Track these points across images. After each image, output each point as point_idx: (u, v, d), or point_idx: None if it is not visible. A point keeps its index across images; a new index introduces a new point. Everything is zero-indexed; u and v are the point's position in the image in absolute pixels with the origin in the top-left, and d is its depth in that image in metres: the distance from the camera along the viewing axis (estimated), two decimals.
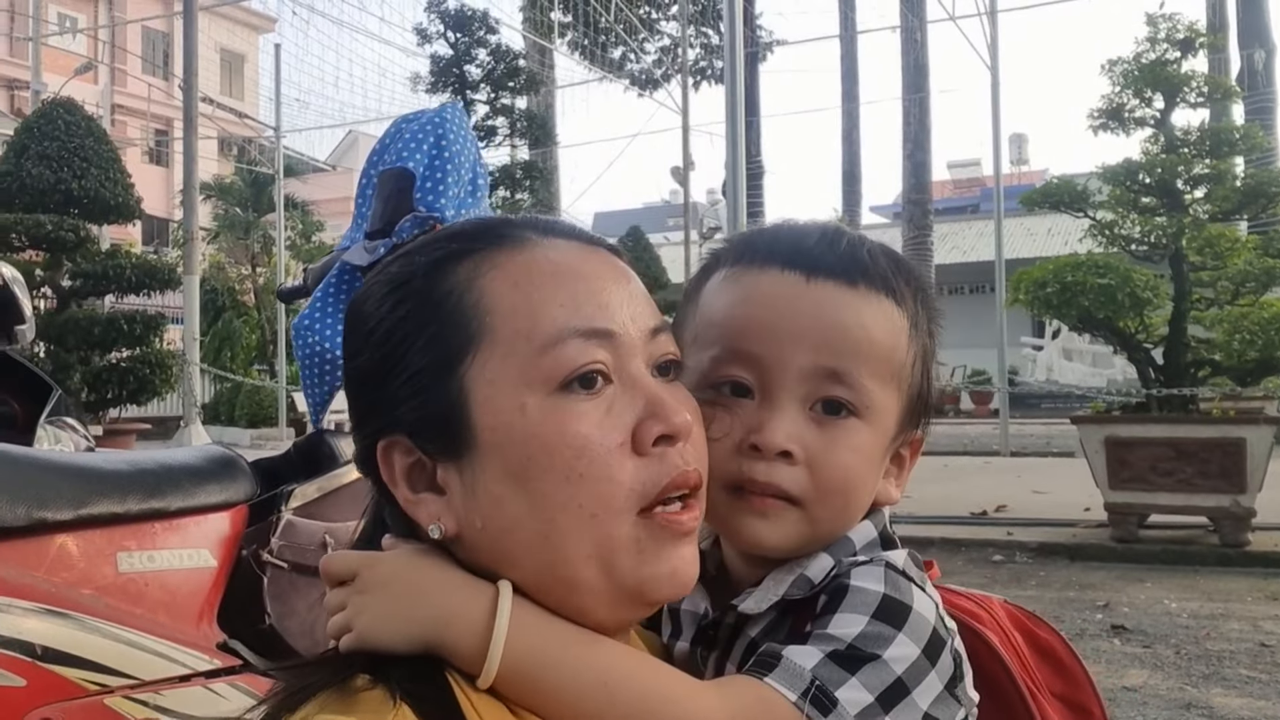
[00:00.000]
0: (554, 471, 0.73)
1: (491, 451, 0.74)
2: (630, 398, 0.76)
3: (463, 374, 0.75)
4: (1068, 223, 8.94)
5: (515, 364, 0.74)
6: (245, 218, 26.09)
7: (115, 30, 30.66)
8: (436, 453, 0.76)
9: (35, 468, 1.59)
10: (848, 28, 23.04)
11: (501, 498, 0.74)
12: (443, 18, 17.16)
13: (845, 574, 0.82)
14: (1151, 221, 7.87)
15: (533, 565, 0.74)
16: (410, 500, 0.77)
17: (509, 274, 0.76)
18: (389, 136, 2.21)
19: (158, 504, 1.70)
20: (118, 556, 1.61)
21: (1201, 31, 8.13)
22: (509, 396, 0.74)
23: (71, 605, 1.49)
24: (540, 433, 0.73)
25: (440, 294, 0.77)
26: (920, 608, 0.80)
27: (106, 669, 1.50)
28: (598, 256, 0.81)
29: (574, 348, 0.74)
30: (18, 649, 1.40)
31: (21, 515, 1.49)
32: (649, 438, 0.75)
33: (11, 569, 1.46)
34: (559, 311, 0.75)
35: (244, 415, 20.89)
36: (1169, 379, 7.64)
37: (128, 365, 11.29)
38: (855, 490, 0.86)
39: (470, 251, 0.78)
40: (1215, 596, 6.12)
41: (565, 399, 0.74)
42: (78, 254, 11.33)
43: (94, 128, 11.75)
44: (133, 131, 32.33)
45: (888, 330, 0.86)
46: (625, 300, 0.79)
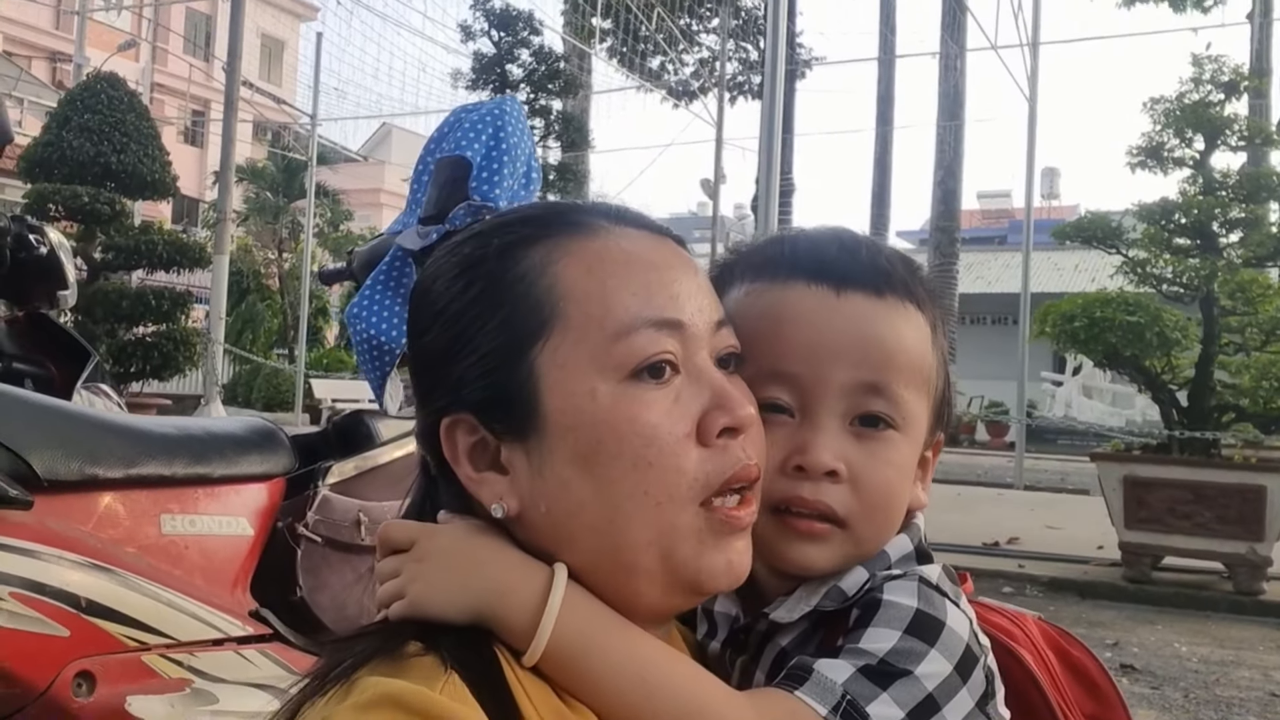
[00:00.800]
0: (622, 458, 0.74)
1: (560, 435, 0.75)
2: (696, 388, 0.77)
3: (534, 357, 0.75)
4: (1095, 260, 8.92)
5: (587, 350, 0.75)
6: (275, 203, 26.27)
7: (159, 9, 30.92)
8: (503, 433, 0.77)
9: (89, 425, 1.62)
10: (887, 51, 23.02)
11: (568, 480, 0.75)
12: (488, 16, 17.26)
13: (879, 588, 0.82)
14: (1184, 262, 7.83)
15: (592, 548, 0.75)
16: (473, 479, 0.78)
17: (583, 260, 0.77)
18: (448, 125, 2.24)
19: (202, 470, 1.72)
20: (161, 518, 1.64)
21: (1246, 75, 8.10)
22: (580, 381, 0.75)
23: (115, 562, 1.52)
24: (610, 419, 0.74)
25: (514, 277, 0.77)
26: (954, 623, 0.79)
27: (145, 626, 1.53)
28: (666, 246, 0.82)
29: (645, 337, 0.75)
30: (63, 600, 1.42)
31: (75, 470, 1.52)
32: (714, 429, 0.76)
33: (61, 522, 1.49)
34: (632, 300, 0.76)
35: (261, 398, 21.02)
36: (1192, 421, 7.59)
37: (153, 340, 11.36)
38: (896, 504, 0.87)
39: (544, 236, 0.79)
40: (1227, 643, 6.08)
41: (635, 387, 0.74)
42: (112, 227, 11.42)
43: (136, 103, 11.86)
44: (170, 111, 32.56)
45: (917, 339, 0.87)
46: (694, 291, 0.80)
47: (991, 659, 0.82)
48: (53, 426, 1.53)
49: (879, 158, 23.80)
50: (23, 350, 3.20)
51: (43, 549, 1.42)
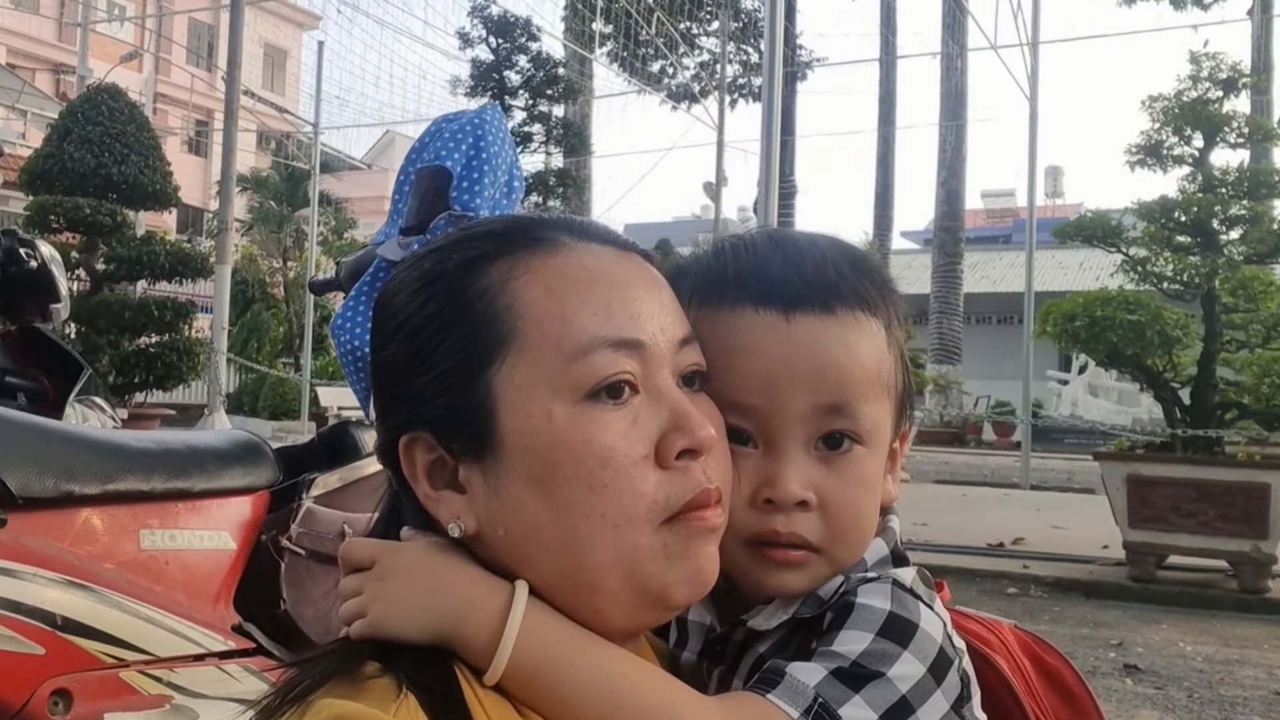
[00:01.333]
0: (578, 480, 0.73)
1: (516, 455, 0.74)
2: (656, 409, 0.76)
3: (491, 377, 0.75)
4: (1100, 258, 8.89)
5: (544, 370, 0.74)
6: (279, 211, 26.31)
7: (162, 20, 31.02)
8: (460, 452, 0.76)
9: (65, 441, 1.61)
10: (888, 52, 23.02)
11: (524, 501, 0.74)
12: (485, 23, 17.30)
13: (853, 591, 0.81)
14: (1185, 260, 7.81)
15: (552, 569, 0.74)
16: (430, 496, 0.78)
17: (543, 279, 0.76)
18: (428, 135, 2.24)
19: (182, 484, 1.72)
20: (140, 533, 1.64)
21: (1245, 72, 8.08)
22: (536, 403, 0.74)
23: (93, 578, 1.52)
24: (566, 440, 0.73)
25: (472, 294, 0.76)
26: (927, 626, 0.79)
27: (123, 643, 1.52)
28: (631, 263, 0.81)
29: (603, 358, 0.74)
30: (39, 618, 1.42)
31: (50, 487, 1.51)
32: (672, 450, 0.75)
33: (37, 539, 1.49)
34: (590, 320, 0.75)
35: (267, 407, 21.03)
36: (1195, 420, 7.57)
37: (156, 351, 11.40)
38: (868, 520, 0.86)
39: (505, 252, 0.78)
40: (1231, 642, 6.05)
41: (592, 408, 0.74)
42: (114, 238, 11.46)
43: (136, 114, 11.89)
44: (173, 121, 32.67)
45: (872, 348, 0.85)
46: (656, 310, 0.78)
47: (967, 661, 0.82)
48: (27, 443, 1.53)
49: (882, 158, 23.80)
50: (16, 364, 3.21)
51: (17, 567, 1.42)
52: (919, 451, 17.31)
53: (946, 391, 22.43)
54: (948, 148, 22.17)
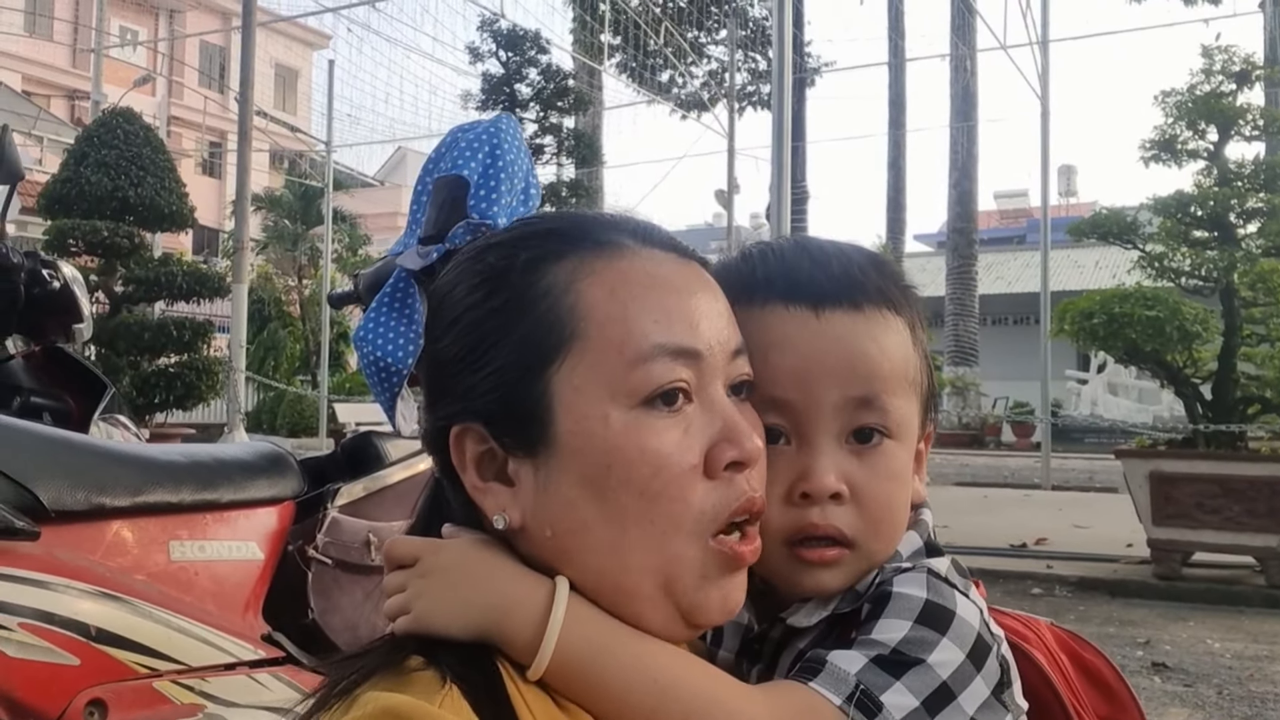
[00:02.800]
0: (630, 485, 0.74)
1: (570, 455, 0.75)
2: (708, 418, 0.77)
3: (550, 376, 0.75)
4: (1115, 256, 8.86)
5: (603, 373, 0.75)
6: (294, 230, 26.47)
7: (174, 44, 31.28)
8: (512, 445, 0.77)
9: (95, 455, 1.63)
10: (896, 55, 23.01)
11: (574, 501, 0.75)
12: (495, 37, 17.38)
13: (889, 581, 0.82)
14: (1202, 255, 7.77)
15: (594, 569, 0.75)
16: (478, 487, 0.78)
17: (606, 281, 0.77)
18: (444, 145, 2.26)
19: (210, 495, 1.74)
20: (170, 545, 1.65)
21: (1258, 64, 8.04)
22: (593, 405, 0.74)
23: (125, 590, 1.53)
24: (621, 445, 0.74)
25: (537, 293, 0.77)
26: (964, 613, 0.80)
27: (156, 653, 1.54)
28: (691, 270, 0.81)
29: (662, 365, 0.75)
30: (73, 629, 1.44)
31: (81, 500, 1.53)
32: (721, 461, 0.76)
33: (69, 552, 1.50)
34: (652, 327, 0.75)
35: (285, 424, 21.14)
36: (1217, 415, 7.52)
37: (175, 371, 11.46)
38: (899, 513, 0.87)
39: (570, 252, 0.79)
40: (1260, 638, 6.00)
41: (648, 414, 0.74)
42: (131, 260, 11.53)
43: (151, 137, 11.97)
44: (187, 143, 32.93)
45: (898, 344, 0.87)
46: (714, 320, 0.79)
47: (1005, 648, 0.83)
48: (58, 457, 1.55)
49: (893, 161, 23.78)
50: (40, 384, 3.23)
51: (51, 579, 1.43)
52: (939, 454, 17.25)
53: (964, 393, 22.35)
54: (959, 149, 22.13)
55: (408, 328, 2.51)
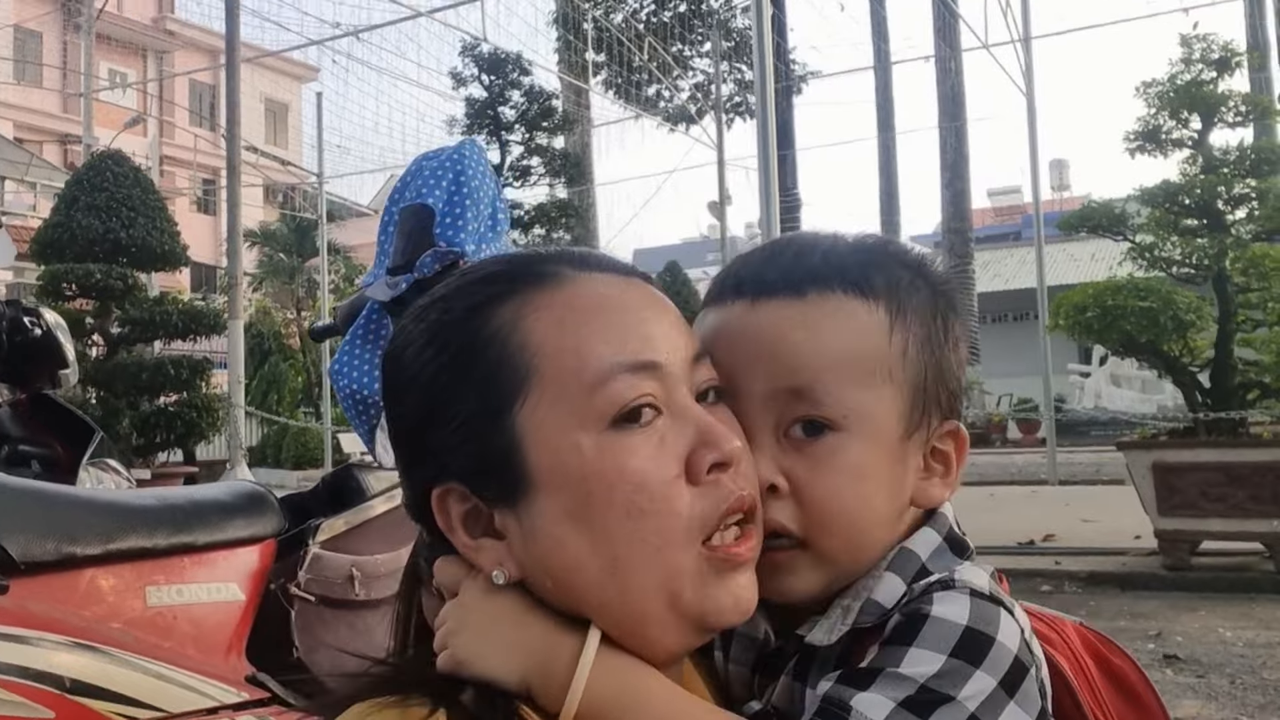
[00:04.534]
0: (615, 508, 0.73)
1: (549, 493, 0.74)
2: (680, 427, 0.76)
3: (514, 417, 0.74)
4: (1111, 248, 8.84)
5: (566, 404, 0.74)
6: (290, 263, 26.53)
7: (163, 84, 31.41)
8: (493, 499, 0.76)
9: (64, 503, 1.62)
10: (881, 59, 23.07)
11: (562, 538, 0.74)
12: (477, 61, 17.44)
13: (925, 599, 0.77)
14: (1193, 243, 7.76)
15: (600, 602, 0.74)
16: (469, 546, 0.77)
17: (552, 314, 0.76)
18: (409, 174, 2.24)
19: (186, 538, 1.73)
20: (146, 590, 1.64)
21: (1238, 50, 8.05)
22: (563, 436, 0.73)
23: (101, 639, 1.52)
24: (598, 470, 0.73)
25: (484, 339, 0.76)
26: (1004, 637, 0.75)
27: (134, 701, 1.52)
28: (636, 287, 0.80)
29: (623, 383, 0.74)
30: (47, 682, 1.42)
31: (51, 550, 1.52)
32: (703, 466, 0.75)
33: (42, 603, 1.49)
34: (605, 348, 0.75)
35: (290, 457, 21.10)
36: (1217, 402, 7.50)
37: (175, 409, 11.48)
38: (858, 509, 0.81)
39: (510, 293, 0.77)
40: (1273, 625, 5.96)
41: (619, 435, 0.73)
42: (126, 301, 11.57)
43: (141, 178, 12.02)
44: (181, 181, 33.03)
45: (852, 330, 0.82)
46: (667, 330, 0.78)
47: (1044, 670, 0.79)
48: (26, 509, 1.54)
49: (884, 165, 23.82)
50: (28, 432, 3.23)
51: (22, 632, 1.42)
52: None
53: (968, 392, 22.31)
54: (949, 150, 22.17)
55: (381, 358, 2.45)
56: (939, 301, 0.87)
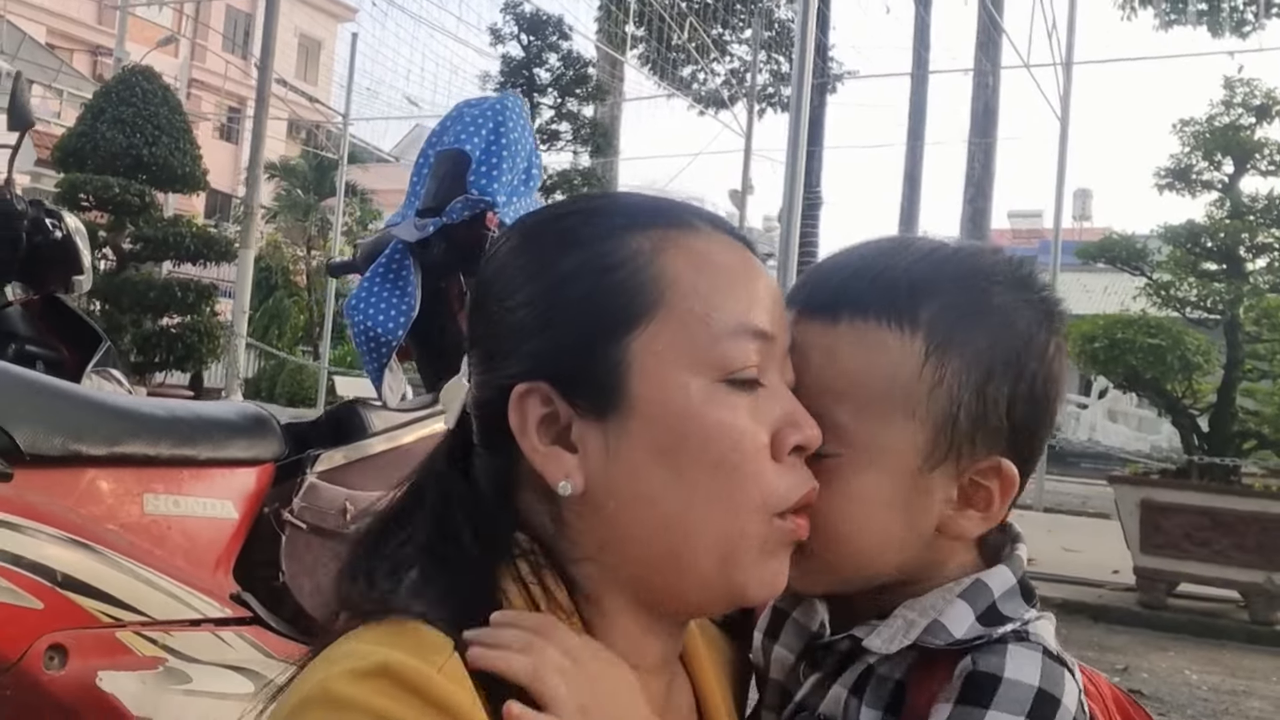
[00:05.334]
0: (706, 458, 0.74)
1: (644, 422, 0.74)
2: (773, 404, 0.77)
3: (630, 341, 0.75)
4: (1124, 283, 8.84)
5: (686, 344, 0.75)
6: (306, 200, 26.47)
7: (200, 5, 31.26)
8: (583, 408, 0.75)
9: (73, 402, 1.63)
10: (920, 66, 22.95)
11: (643, 468, 0.74)
12: (518, 19, 17.37)
13: (998, 650, 0.78)
14: (1209, 286, 7.76)
15: (650, 541, 0.75)
16: (539, 451, 0.76)
17: (691, 256, 0.77)
18: (449, 119, 2.24)
19: (188, 451, 1.74)
20: (145, 497, 1.65)
21: (1279, 99, 8.02)
22: (674, 374, 0.74)
23: (95, 538, 1.53)
24: (700, 417, 0.74)
25: (619, 258, 0.76)
26: (1068, 700, 0.77)
27: (122, 603, 1.54)
28: (756, 261, 0.82)
29: (743, 343, 0.75)
30: (39, 573, 1.44)
31: (57, 445, 1.53)
32: (787, 445, 0.76)
33: (41, 496, 1.50)
34: (736, 305, 0.76)
35: (284, 393, 21.12)
36: (1213, 447, 7.51)
37: (177, 331, 11.49)
38: (859, 533, 0.82)
39: (652, 225, 0.78)
40: (1239, 673, 6.00)
41: (726, 390, 0.75)
42: (141, 218, 11.56)
43: (169, 98, 11.99)
44: (207, 107, 32.91)
45: (873, 361, 0.81)
46: (779, 309, 0.81)
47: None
48: (36, 401, 1.55)
49: (909, 173, 23.70)
50: (36, 333, 3.24)
51: (21, 521, 1.43)
52: None
53: None
54: (976, 166, 22.08)
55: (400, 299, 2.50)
56: (1018, 337, 0.84)
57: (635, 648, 0.77)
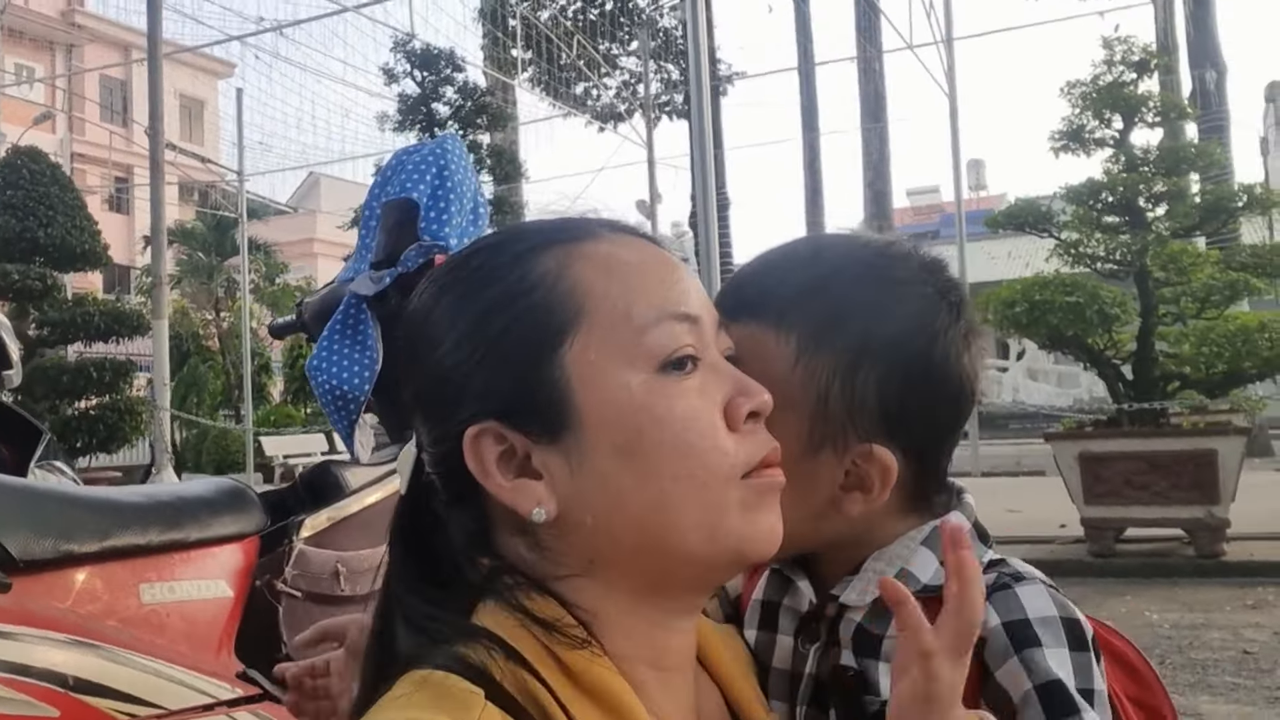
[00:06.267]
0: (665, 443, 0.75)
1: (598, 429, 0.75)
2: (717, 379, 0.79)
3: (563, 356, 0.76)
4: (1026, 246, 9.13)
5: (616, 344, 0.76)
6: (208, 262, 25.95)
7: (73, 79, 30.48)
8: (536, 435, 0.76)
9: (59, 501, 1.59)
10: (806, 60, 23.34)
11: (609, 473, 0.75)
12: (409, 57, 17.26)
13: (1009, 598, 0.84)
14: (1115, 239, 8.03)
15: (635, 540, 0.76)
16: (506, 488, 0.76)
17: (598, 262, 0.79)
18: (390, 169, 2.23)
19: (177, 535, 1.70)
20: (140, 588, 1.62)
21: (1155, 53, 8.34)
22: (612, 376, 0.75)
23: (99, 636, 1.50)
24: (647, 407, 0.75)
25: (531, 282, 0.78)
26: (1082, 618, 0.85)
27: (134, 699, 1.50)
28: (663, 253, 0.83)
29: (669, 330, 0.77)
30: (51, 680, 1.40)
31: (49, 548, 1.49)
32: (741, 414, 0.78)
33: (40, 601, 1.46)
34: (653, 295, 0.78)
35: (211, 461, 20.65)
36: (1139, 393, 7.76)
37: (97, 413, 11.17)
38: None
39: (555, 243, 0.80)
40: (1195, 607, 6.20)
41: (665, 379, 0.76)
42: (44, 302, 11.23)
43: (59, 175, 11.70)
44: (92, 179, 32.09)
45: (756, 358, 0.86)
46: (698, 292, 0.82)
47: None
48: (23, 505, 1.51)
49: (809, 164, 24.08)
50: None
51: (24, 630, 1.39)
52: None
53: None
54: (872, 150, 22.50)
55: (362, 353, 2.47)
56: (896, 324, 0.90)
57: (649, 647, 0.78)
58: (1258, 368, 7.23)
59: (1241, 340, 7.02)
